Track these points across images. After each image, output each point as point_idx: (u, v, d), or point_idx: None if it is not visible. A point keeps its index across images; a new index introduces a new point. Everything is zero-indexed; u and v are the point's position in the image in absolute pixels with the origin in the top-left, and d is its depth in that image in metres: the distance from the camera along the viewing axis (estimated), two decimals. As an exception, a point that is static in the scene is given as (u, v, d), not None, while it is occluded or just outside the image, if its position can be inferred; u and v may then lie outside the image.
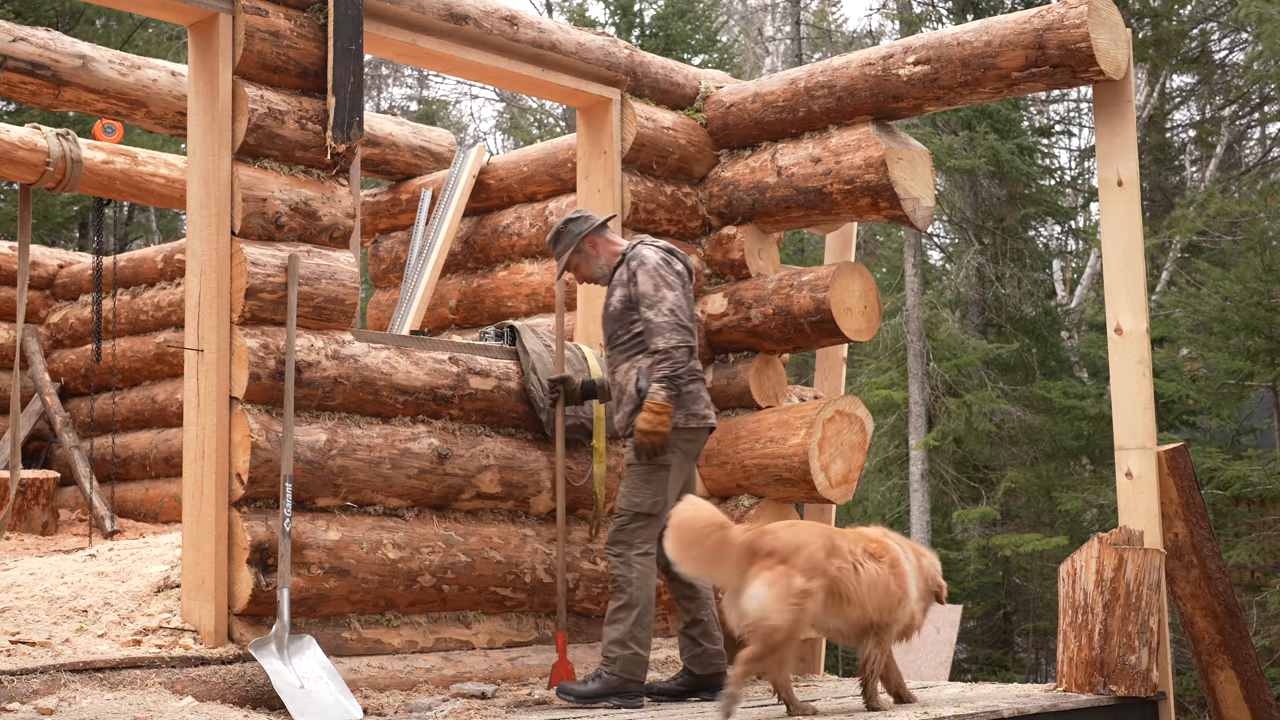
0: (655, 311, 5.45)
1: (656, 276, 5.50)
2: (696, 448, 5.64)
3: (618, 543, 5.45)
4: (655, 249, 5.63)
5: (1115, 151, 6.01)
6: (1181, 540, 5.94)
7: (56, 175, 7.51)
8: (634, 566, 5.38)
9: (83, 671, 4.68)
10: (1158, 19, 17.01)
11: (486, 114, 39.42)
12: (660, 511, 5.40)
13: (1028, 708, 5.25)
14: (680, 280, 5.56)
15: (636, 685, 5.33)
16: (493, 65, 6.29)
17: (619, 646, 5.32)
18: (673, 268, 5.57)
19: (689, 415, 5.52)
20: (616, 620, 5.35)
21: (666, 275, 5.51)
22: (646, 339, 5.49)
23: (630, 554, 5.40)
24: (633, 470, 5.50)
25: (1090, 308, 16.99)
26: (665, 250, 5.65)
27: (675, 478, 5.54)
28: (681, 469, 5.57)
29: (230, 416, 5.26)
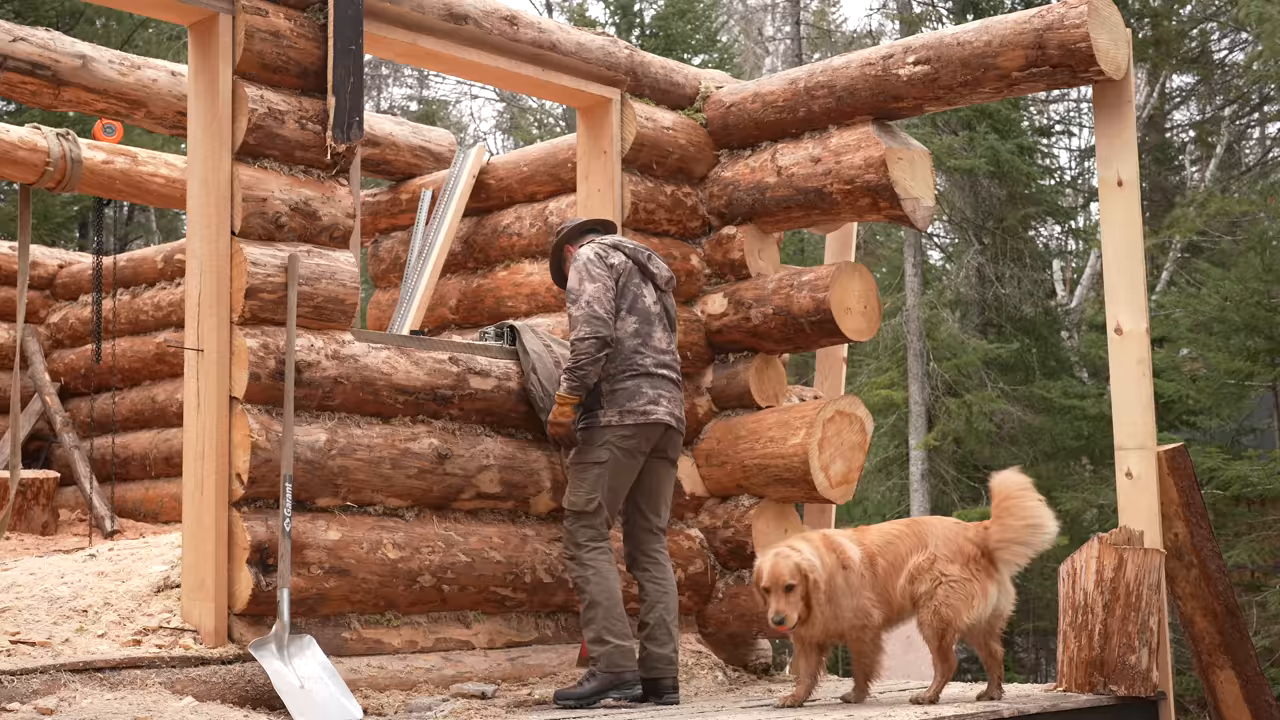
0: (575, 306, 5.55)
1: (581, 271, 5.58)
2: (637, 444, 5.57)
3: (567, 545, 5.59)
4: (594, 246, 5.68)
5: (1115, 151, 6.01)
6: (1181, 540, 5.94)
7: (56, 175, 7.51)
8: (587, 565, 5.48)
9: (83, 671, 4.68)
10: (1158, 19, 17.01)
11: (486, 114, 39.44)
12: (596, 509, 5.50)
13: (1028, 708, 5.26)
14: (610, 272, 5.59)
15: (630, 674, 5.40)
16: (493, 65, 6.29)
17: (599, 645, 5.41)
18: (605, 261, 5.61)
19: (622, 412, 5.53)
20: (589, 621, 5.45)
21: (591, 269, 5.56)
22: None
23: (581, 554, 5.51)
24: (571, 469, 5.65)
25: (1090, 308, 16.99)
26: (608, 246, 5.69)
27: (616, 475, 5.54)
28: (622, 466, 5.55)
29: (230, 416, 5.25)
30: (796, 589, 5.02)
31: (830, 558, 5.13)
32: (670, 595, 5.61)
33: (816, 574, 5.03)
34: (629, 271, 5.68)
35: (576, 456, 5.63)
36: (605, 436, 5.52)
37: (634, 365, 5.57)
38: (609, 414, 5.53)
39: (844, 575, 5.14)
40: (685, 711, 5.18)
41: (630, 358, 5.59)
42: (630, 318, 5.64)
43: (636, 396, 5.55)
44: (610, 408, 5.53)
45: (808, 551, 5.07)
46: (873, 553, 5.25)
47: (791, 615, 5.02)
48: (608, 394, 5.56)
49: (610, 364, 5.57)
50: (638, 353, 5.60)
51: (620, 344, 5.59)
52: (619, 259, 5.67)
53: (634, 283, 5.68)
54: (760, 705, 5.37)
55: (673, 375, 5.72)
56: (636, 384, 5.56)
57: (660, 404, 5.60)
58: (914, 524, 5.46)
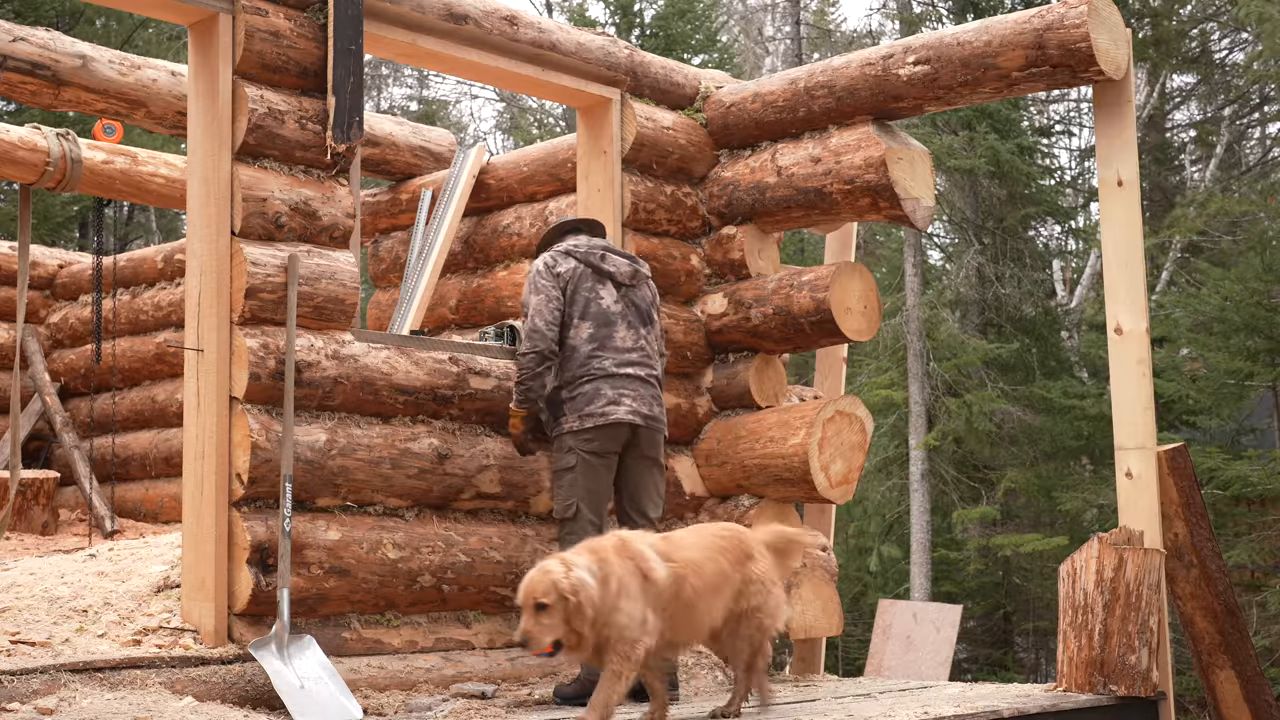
0: (522, 320, 5.69)
1: (529, 284, 5.69)
2: (602, 445, 5.58)
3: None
4: (546, 255, 5.73)
5: (1115, 151, 6.01)
6: (1181, 540, 5.94)
7: (56, 175, 7.51)
8: None
9: (83, 671, 4.68)
10: (1158, 19, 17.01)
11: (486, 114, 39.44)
12: (575, 515, 5.54)
13: (1028, 708, 5.26)
14: (556, 282, 5.63)
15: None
16: (493, 65, 6.29)
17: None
18: (551, 270, 5.66)
19: (581, 416, 5.57)
20: None
21: (537, 281, 5.65)
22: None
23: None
24: (552, 478, 5.75)
25: (1090, 308, 16.99)
26: (560, 253, 5.71)
27: (588, 478, 5.55)
28: (591, 468, 5.56)
29: (230, 416, 5.25)
30: (553, 610, 4.28)
31: (624, 567, 4.44)
32: None
33: (584, 594, 4.29)
34: (579, 276, 5.67)
35: (552, 464, 5.71)
36: (569, 442, 5.58)
37: (590, 370, 5.59)
38: (570, 420, 5.59)
39: (640, 586, 4.47)
40: (685, 711, 5.18)
41: (586, 363, 5.60)
42: (584, 323, 5.64)
43: (595, 399, 5.56)
44: (570, 414, 5.59)
45: (580, 568, 4.34)
46: (683, 574, 4.61)
47: (541, 638, 4.29)
48: (567, 400, 5.61)
49: (565, 371, 5.62)
50: (594, 356, 5.60)
51: (574, 350, 5.61)
52: (567, 266, 5.67)
53: (585, 286, 5.67)
54: (760, 705, 5.37)
55: (640, 373, 5.67)
56: (595, 387, 5.57)
57: (622, 404, 5.58)
58: (733, 534, 4.91)
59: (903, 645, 9.98)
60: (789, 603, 4.97)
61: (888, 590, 15.56)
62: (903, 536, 15.86)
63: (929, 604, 11.41)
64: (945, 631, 9.87)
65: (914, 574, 14.74)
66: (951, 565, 15.51)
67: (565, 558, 4.41)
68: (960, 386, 15.15)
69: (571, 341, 5.62)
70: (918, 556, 14.75)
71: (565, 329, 5.62)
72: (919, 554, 14.74)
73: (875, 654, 10.10)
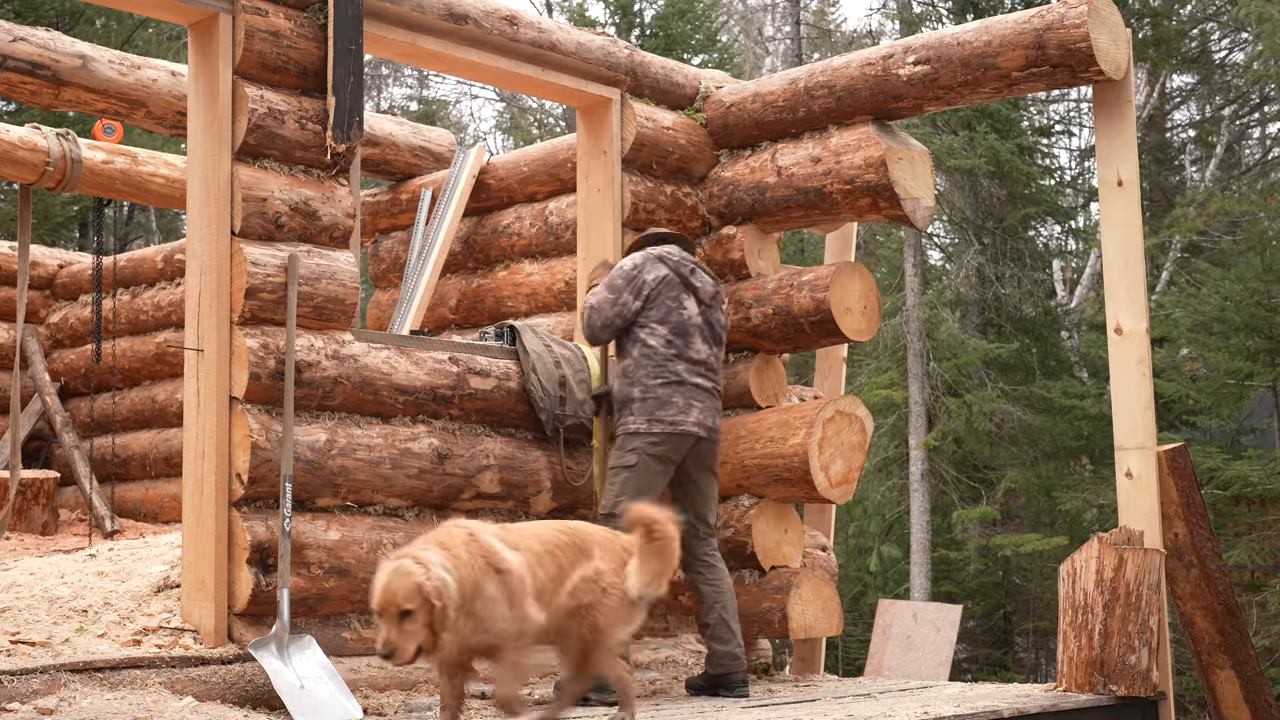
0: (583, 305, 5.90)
1: (608, 279, 5.89)
2: (666, 452, 5.70)
3: None
4: (636, 256, 5.90)
5: (1115, 151, 6.01)
6: (1181, 540, 5.94)
7: (56, 175, 7.50)
8: None
9: (83, 671, 4.68)
10: (1158, 19, 17.01)
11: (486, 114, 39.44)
12: (621, 512, 5.45)
13: (1028, 708, 5.25)
14: (630, 285, 5.79)
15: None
16: (493, 65, 6.29)
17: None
18: (632, 274, 5.81)
19: (650, 420, 5.69)
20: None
21: (615, 280, 5.83)
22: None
23: None
24: (608, 474, 5.81)
25: (1090, 308, 16.99)
26: (654, 258, 5.86)
27: (642, 479, 5.64)
28: (650, 472, 5.67)
29: (230, 416, 5.25)
30: (416, 615, 3.96)
31: (475, 563, 4.16)
32: (726, 594, 5.80)
33: (447, 596, 4.01)
34: (666, 283, 5.84)
35: (611, 461, 5.80)
36: (635, 442, 5.70)
37: (666, 374, 5.75)
38: (637, 420, 5.71)
39: (496, 582, 4.19)
40: (685, 711, 5.18)
41: (663, 366, 5.75)
42: (663, 329, 5.79)
43: (666, 405, 5.71)
44: (639, 414, 5.71)
45: (437, 565, 4.03)
46: (531, 562, 4.36)
47: (406, 647, 3.97)
48: (638, 400, 5.73)
49: (640, 370, 5.75)
50: (670, 362, 5.77)
51: (652, 353, 5.76)
52: (656, 273, 5.83)
53: (670, 295, 5.84)
54: (760, 705, 5.37)
55: (707, 385, 5.86)
56: (668, 392, 5.73)
57: (690, 413, 5.75)
58: (573, 532, 4.61)
59: (903, 645, 9.98)
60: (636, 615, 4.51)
61: (888, 590, 15.56)
62: (903, 536, 15.86)
63: (929, 604, 11.42)
64: (945, 631, 9.87)
65: (914, 574, 14.74)
66: (951, 565, 15.51)
67: (420, 556, 4.07)
68: (960, 386, 15.15)
69: (650, 344, 5.77)
70: (918, 556, 14.75)
71: (643, 329, 5.78)
72: (919, 554, 14.74)
73: (875, 654, 10.10)
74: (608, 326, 5.80)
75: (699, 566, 5.85)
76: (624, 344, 5.86)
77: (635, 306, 5.79)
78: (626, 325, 5.81)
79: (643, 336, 5.78)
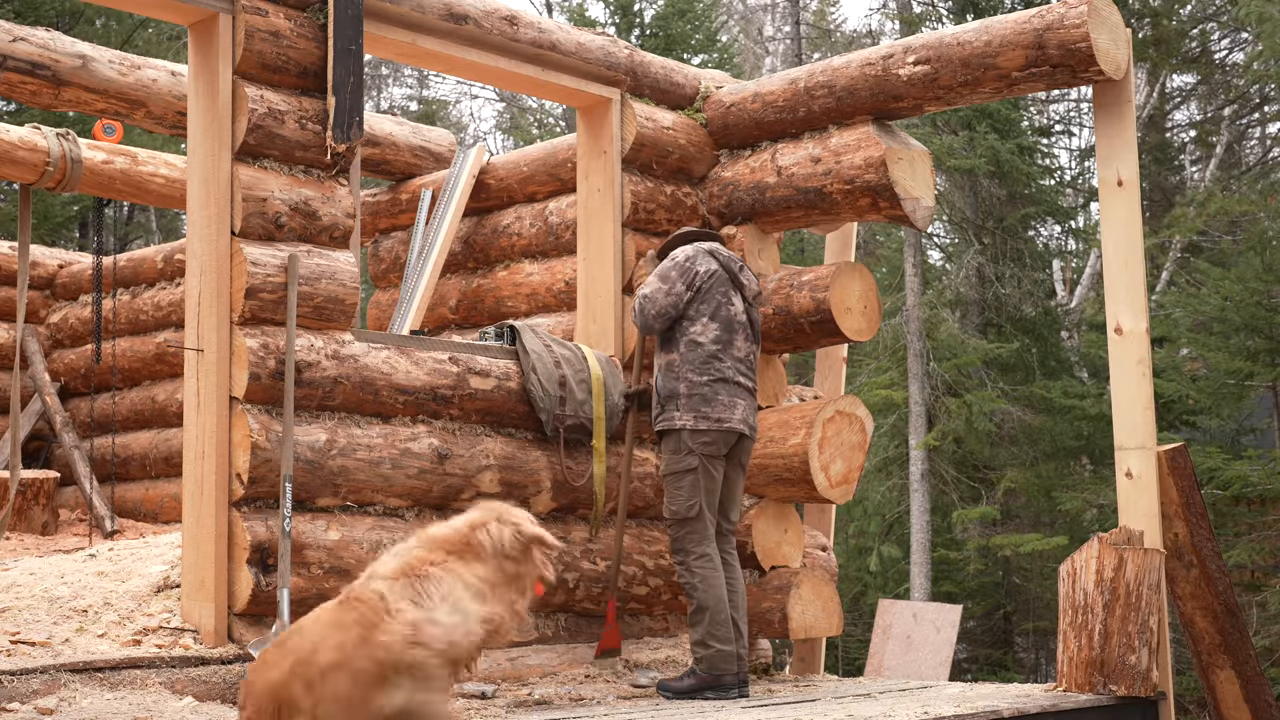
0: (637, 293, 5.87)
1: (659, 268, 5.88)
2: (716, 449, 5.77)
3: (675, 551, 5.78)
4: (689, 248, 5.92)
5: (1115, 151, 6.01)
6: (1181, 540, 5.94)
7: (56, 175, 7.50)
8: (695, 572, 5.69)
9: (83, 671, 4.68)
10: (1158, 19, 17.01)
11: (486, 114, 39.44)
12: (698, 514, 5.71)
13: (1028, 708, 5.25)
14: (683, 277, 5.79)
15: (729, 678, 5.66)
16: (493, 65, 6.29)
17: (702, 647, 5.66)
18: (685, 265, 5.82)
19: (697, 416, 5.72)
20: (695, 624, 5.69)
21: (669, 271, 5.82)
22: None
23: (689, 560, 5.71)
24: (666, 479, 5.82)
25: (1090, 308, 16.99)
26: (705, 251, 5.90)
27: (707, 479, 5.76)
28: (709, 470, 5.76)
29: (230, 416, 5.26)
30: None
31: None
32: (739, 595, 5.84)
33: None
34: (717, 278, 5.85)
35: (667, 465, 5.80)
36: (688, 443, 5.73)
37: (714, 370, 5.76)
38: (684, 417, 5.73)
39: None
40: (685, 711, 5.18)
41: (709, 362, 5.77)
42: (712, 324, 5.81)
43: (712, 402, 5.73)
44: (686, 410, 5.73)
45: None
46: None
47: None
48: (685, 396, 5.74)
49: (687, 365, 5.76)
50: (717, 358, 5.78)
51: (699, 347, 5.77)
52: (708, 265, 5.85)
53: (720, 290, 5.85)
54: (760, 705, 5.37)
55: (748, 384, 5.89)
56: (714, 389, 5.75)
57: (736, 411, 5.79)
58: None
59: (903, 645, 9.98)
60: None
61: (888, 590, 15.56)
62: (903, 536, 15.86)
63: (929, 604, 11.41)
64: (945, 631, 9.87)
65: (914, 574, 14.74)
66: (951, 565, 15.51)
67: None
68: (960, 386, 15.15)
69: (697, 338, 5.78)
70: (918, 556, 14.74)
71: (691, 323, 5.78)
72: (919, 554, 14.74)
73: (875, 654, 10.10)
74: (662, 315, 5.77)
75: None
76: (670, 338, 5.84)
77: (687, 297, 5.80)
78: (678, 316, 5.81)
79: (691, 331, 5.78)
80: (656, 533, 6.53)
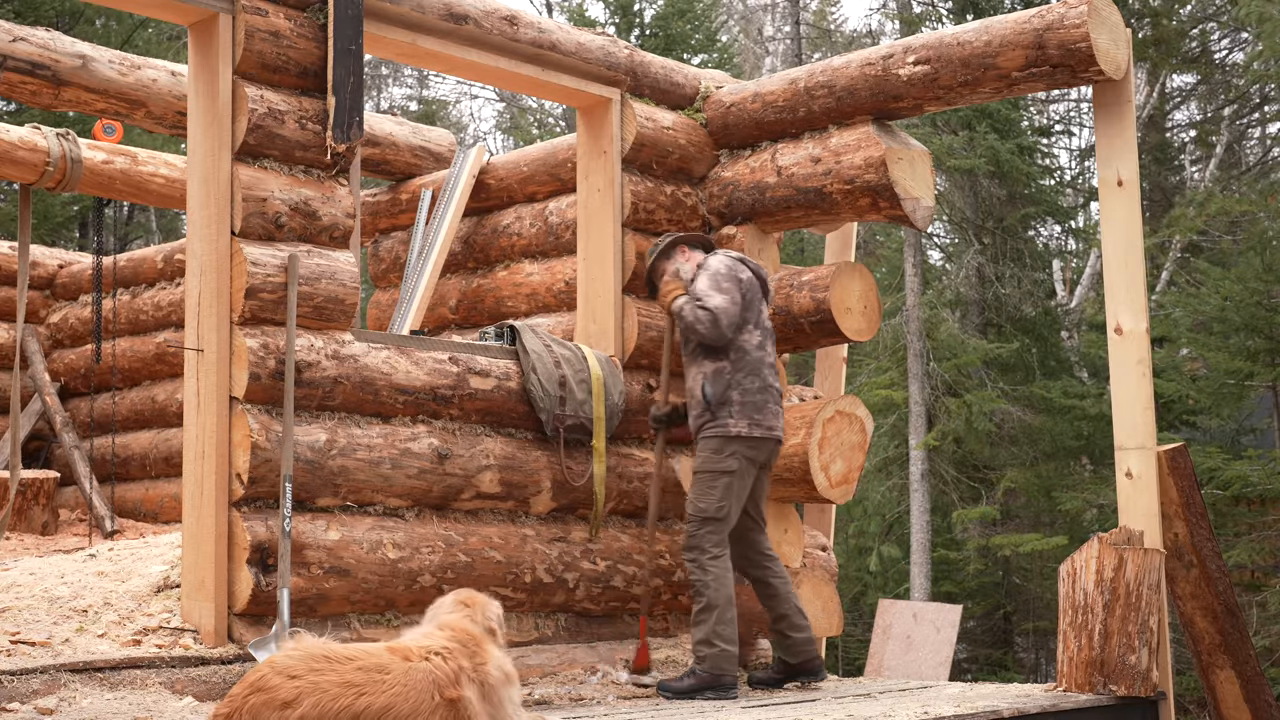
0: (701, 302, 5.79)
1: (713, 280, 5.85)
2: (762, 457, 5.87)
3: (690, 549, 5.80)
4: (725, 257, 5.97)
5: (1115, 151, 6.01)
6: (1181, 540, 5.94)
7: (56, 175, 7.50)
8: (708, 570, 5.73)
9: (83, 671, 4.68)
10: (1158, 19, 17.00)
11: (486, 114, 39.43)
12: (725, 516, 5.78)
13: (1028, 708, 5.25)
14: (738, 287, 5.86)
15: (729, 679, 5.69)
16: (493, 65, 6.29)
17: (706, 646, 5.69)
18: (735, 276, 5.88)
19: (751, 423, 5.80)
20: (700, 622, 5.71)
21: (721, 282, 5.83)
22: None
23: (703, 559, 5.75)
24: (698, 476, 5.84)
25: (1090, 308, 16.99)
26: (736, 260, 5.98)
27: (741, 484, 5.82)
28: (745, 476, 5.83)
29: (230, 416, 5.25)
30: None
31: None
32: (789, 584, 5.99)
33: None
34: (754, 286, 5.95)
35: (703, 464, 5.83)
36: (735, 447, 5.79)
37: (762, 378, 5.87)
38: (739, 424, 5.79)
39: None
40: (685, 711, 5.18)
41: (758, 369, 5.86)
42: (756, 332, 5.91)
43: (763, 411, 5.83)
44: (740, 417, 5.79)
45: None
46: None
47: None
48: (738, 403, 5.80)
49: (739, 371, 5.82)
50: (762, 365, 5.89)
51: (747, 354, 5.85)
52: (746, 274, 5.94)
53: (756, 298, 5.97)
54: (760, 705, 5.37)
55: (779, 389, 6.01)
56: (764, 398, 5.85)
57: (779, 419, 5.91)
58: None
59: (903, 645, 9.97)
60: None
61: (888, 590, 15.56)
62: (903, 536, 15.86)
63: (929, 604, 11.41)
64: (945, 631, 9.87)
65: (914, 574, 14.74)
66: (951, 565, 15.51)
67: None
68: (960, 386, 15.15)
69: (745, 346, 5.87)
70: (918, 556, 14.74)
71: (738, 331, 5.85)
72: (919, 554, 14.74)
73: (875, 654, 10.10)
74: (733, 325, 5.83)
75: (764, 560, 6.01)
76: (716, 345, 5.85)
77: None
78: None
79: (740, 339, 5.86)
80: (656, 533, 6.53)
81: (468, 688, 3.51)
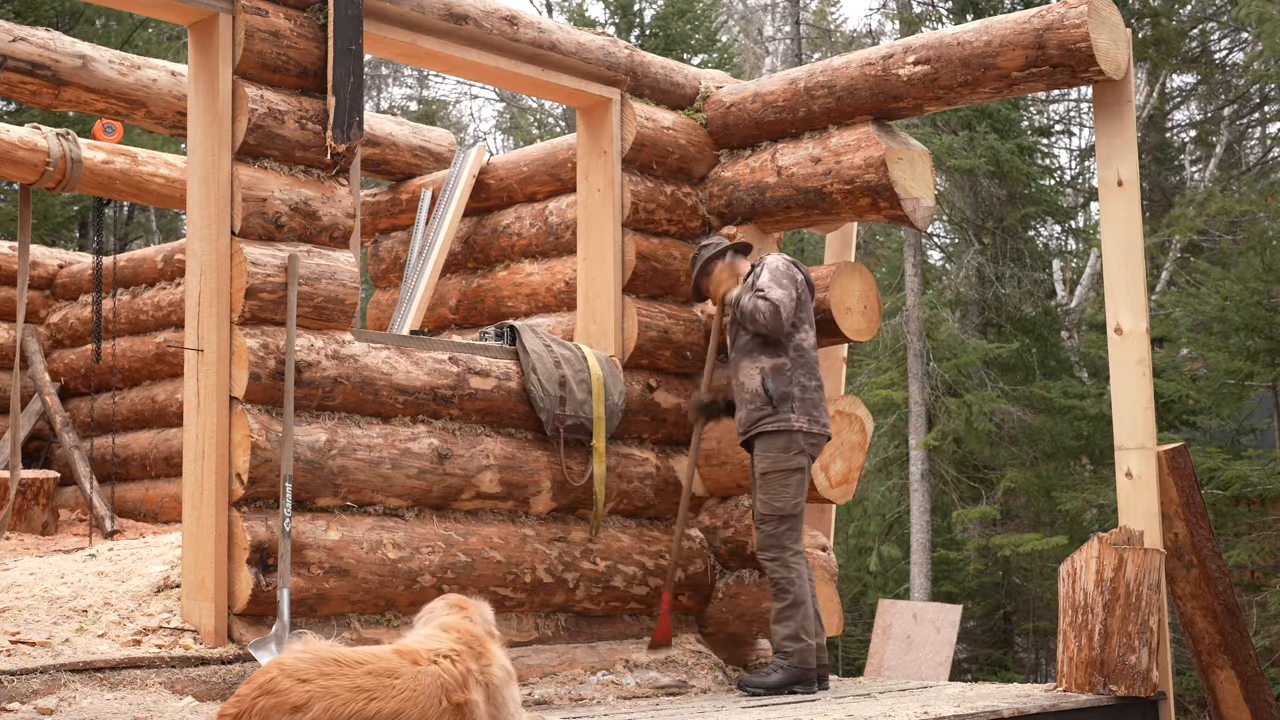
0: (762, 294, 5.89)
1: (776, 274, 5.96)
2: (816, 453, 6.03)
3: (770, 548, 5.89)
4: (784, 258, 6.09)
5: (1115, 151, 6.01)
6: (1181, 540, 5.94)
7: (56, 175, 7.50)
8: (792, 567, 5.85)
9: (83, 671, 4.68)
10: (1158, 19, 17.00)
11: (486, 114, 39.44)
12: (800, 512, 5.92)
13: (1028, 708, 5.26)
14: (794, 286, 5.96)
15: (815, 673, 5.81)
16: (493, 65, 6.29)
17: (793, 641, 5.79)
18: (791, 274, 6.00)
19: (811, 419, 5.93)
20: (786, 618, 5.81)
21: (781, 279, 5.94)
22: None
23: (786, 556, 5.86)
24: (770, 476, 5.92)
25: (1090, 308, 16.99)
26: (790, 261, 6.10)
27: (807, 481, 5.98)
28: (808, 471, 5.98)
29: (230, 416, 5.25)
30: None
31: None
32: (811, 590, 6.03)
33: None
34: (806, 287, 6.07)
35: (774, 463, 5.91)
36: (801, 443, 5.91)
37: (817, 376, 6.01)
38: (800, 419, 5.90)
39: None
40: (685, 711, 5.18)
41: (814, 368, 6.02)
42: (810, 331, 6.05)
43: (820, 407, 5.99)
44: (800, 413, 5.91)
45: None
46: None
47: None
48: (799, 399, 5.92)
49: (799, 369, 5.94)
50: (815, 363, 6.04)
51: (806, 353, 5.98)
52: (800, 276, 6.06)
53: (807, 299, 6.09)
54: (760, 705, 5.37)
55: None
56: (819, 396, 6.00)
57: (829, 415, 6.12)
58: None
59: (903, 645, 9.97)
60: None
61: (888, 590, 15.55)
62: (903, 536, 15.85)
63: (929, 604, 11.41)
64: (945, 631, 9.87)
65: (914, 574, 14.73)
66: (951, 565, 15.50)
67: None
68: (960, 386, 15.15)
69: (803, 344, 6.00)
70: (918, 556, 14.74)
71: (797, 329, 5.98)
72: (919, 554, 14.73)
73: (875, 654, 10.10)
74: (789, 319, 5.94)
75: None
76: (775, 342, 5.96)
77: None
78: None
79: (797, 337, 5.98)
80: (656, 533, 6.54)
81: (475, 691, 3.55)
